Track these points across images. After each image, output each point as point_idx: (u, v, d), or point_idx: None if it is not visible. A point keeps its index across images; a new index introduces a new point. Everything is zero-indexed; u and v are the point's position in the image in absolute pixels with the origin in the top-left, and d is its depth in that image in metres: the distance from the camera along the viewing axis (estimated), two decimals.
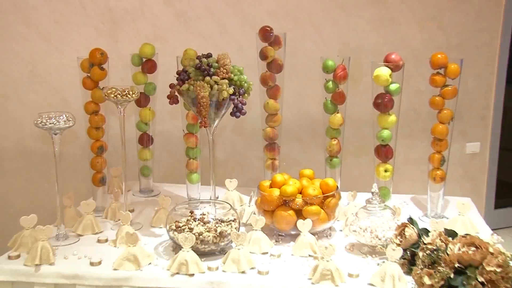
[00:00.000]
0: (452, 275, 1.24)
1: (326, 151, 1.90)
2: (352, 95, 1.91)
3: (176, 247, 1.54)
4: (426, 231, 1.43)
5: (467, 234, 1.30)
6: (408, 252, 1.40)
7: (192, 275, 1.41)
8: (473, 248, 1.25)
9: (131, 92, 1.62)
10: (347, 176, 2.07)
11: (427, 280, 1.25)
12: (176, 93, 1.60)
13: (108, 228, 1.72)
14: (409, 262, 1.39)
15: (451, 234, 1.36)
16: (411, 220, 1.46)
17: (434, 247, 1.31)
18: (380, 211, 1.53)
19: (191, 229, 1.51)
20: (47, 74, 2.26)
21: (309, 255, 1.51)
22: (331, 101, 1.85)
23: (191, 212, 1.62)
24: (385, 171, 1.80)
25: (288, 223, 1.59)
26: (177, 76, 1.60)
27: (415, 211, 1.87)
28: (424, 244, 1.34)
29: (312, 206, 1.58)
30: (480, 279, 1.21)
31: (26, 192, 2.31)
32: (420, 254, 1.33)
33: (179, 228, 1.52)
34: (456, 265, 1.25)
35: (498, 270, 1.20)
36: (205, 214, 1.61)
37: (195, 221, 1.56)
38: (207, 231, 1.51)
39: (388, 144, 1.78)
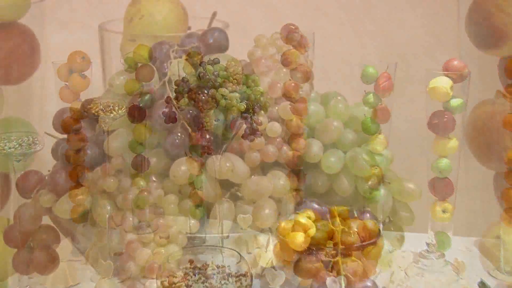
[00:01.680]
0: None
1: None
2: (396, 107, 1.72)
3: None
4: None
5: None
6: None
7: None
8: None
9: (116, 108, 1.51)
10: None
11: None
12: (173, 110, 1.50)
13: (87, 279, 1.58)
14: None
15: None
16: (483, 285, 1.26)
17: None
18: (438, 268, 1.38)
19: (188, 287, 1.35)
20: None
21: None
22: (372, 118, 1.67)
23: (191, 262, 1.46)
24: (443, 211, 1.60)
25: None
26: (175, 87, 1.47)
27: (482, 262, 1.66)
28: None
29: (347, 257, 1.41)
30: None
31: None
32: None
33: (173, 285, 1.36)
34: None
35: None
36: (208, 265, 1.45)
37: (195, 276, 1.40)
38: None
39: (447, 176, 1.59)
